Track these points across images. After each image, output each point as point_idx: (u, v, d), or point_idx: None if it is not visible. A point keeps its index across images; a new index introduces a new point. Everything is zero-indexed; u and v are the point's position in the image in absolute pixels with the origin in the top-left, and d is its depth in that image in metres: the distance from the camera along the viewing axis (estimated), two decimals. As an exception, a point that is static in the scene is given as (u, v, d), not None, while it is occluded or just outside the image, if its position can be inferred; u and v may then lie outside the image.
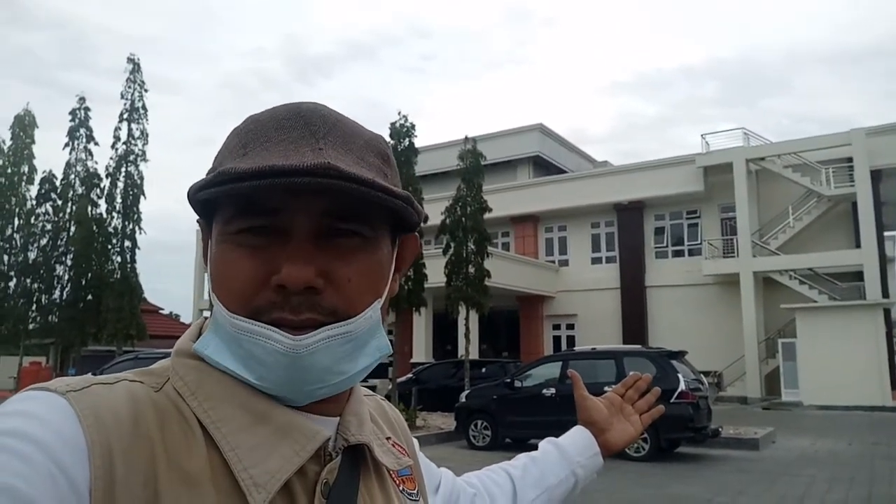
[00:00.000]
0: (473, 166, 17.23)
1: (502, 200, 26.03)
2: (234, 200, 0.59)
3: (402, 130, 16.38)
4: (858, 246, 22.78)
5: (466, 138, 17.68)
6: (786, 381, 22.65)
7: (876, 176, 23.00)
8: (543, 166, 33.30)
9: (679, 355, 11.86)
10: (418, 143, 16.80)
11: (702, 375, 12.27)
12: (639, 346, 14.15)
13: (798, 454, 11.32)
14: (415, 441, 0.85)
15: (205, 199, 0.60)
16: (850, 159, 23.28)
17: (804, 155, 24.33)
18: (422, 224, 0.70)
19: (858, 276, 22.89)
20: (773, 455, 11.26)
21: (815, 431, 14.48)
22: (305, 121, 0.62)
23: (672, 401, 10.37)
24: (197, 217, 0.68)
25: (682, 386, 10.71)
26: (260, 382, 0.59)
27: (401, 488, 0.73)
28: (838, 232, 24.18)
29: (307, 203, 0.59)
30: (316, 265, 0.58)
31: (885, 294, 22.34)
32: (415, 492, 0.75)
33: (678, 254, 27.57)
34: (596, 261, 29.09)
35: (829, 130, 26.12)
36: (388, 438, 0.75)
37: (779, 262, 24.24)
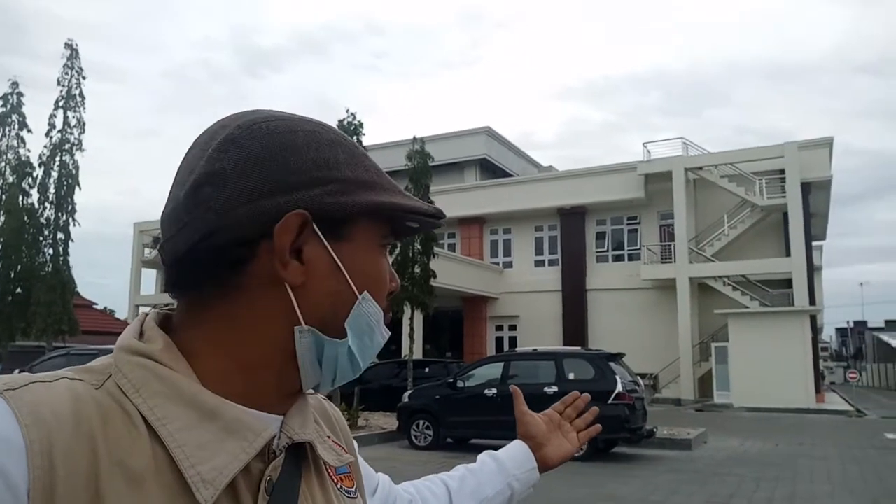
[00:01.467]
0: (421, 167, 17.24)
1: (449, 201, 26.14)
2: (395, 222, 0.71)
3: (350, 128, 16.27)
4: (788, 255, 23.73)
5: (415, 138, 17.66)
6: (718, 383, 23.41)
7: (806, 188, 24.01)
8: (490, 169, 33.57)
9: (617, 357, 12.13)
10: (366, 141, 16.73)
11: (638, 377, 12.57)
12: (578, 348, 14.39)
13: (728, 454, 11.72)
14: (354, 442, 0.86)
15: (389, 215, 0.70)
16: (782, 171, 24.23)
17: (740, 166, 25.21)
18: None
19: (788, 283, 23.85)
20: (704, 455, 11.62)
21: (745, 432, 15.01)
22: (359, 150, 0.73)
23: (609, 402, 10.60)
24: (297, 210, 0.62)
25: (619, 387, 10.94)
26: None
27: (339, 486, 0.73)
28: (770, 241, 25.13)
29: None
30: None
31: (812, 301, 23.34)
32: (353, 489, 0.76)
33: (618, 258, 28.19)
34: (539, 263, 29.48)
35: (769, 142, 27.15)
36: (328, 437, 0.75)
37: (713, 269, 25.05)
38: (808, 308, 22.66)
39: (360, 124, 16.41)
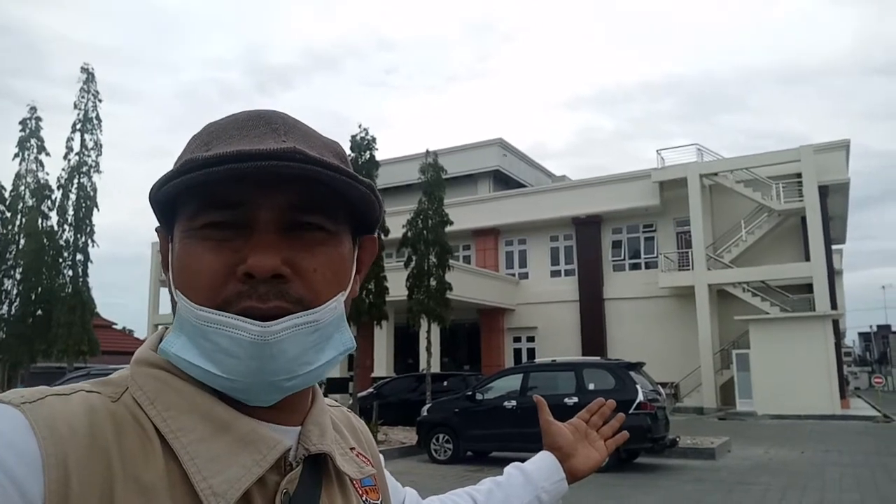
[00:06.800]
0: (435, 180, 17.27)
1: (463, 214, 26.16)
2: (197, 195, 0.60)
3: (363, 143, 16.35)
4: (808, 259, 23.46)
5: (428, 152, 17.71)
6: (740, 391, 23.12)
7: (824, 191, 23.77)
8: (503, 180, 33.59)
9: (637, 367, 12.01)
10: (379, 156, 16.78)
11: (659, 386, 12.44)
12: (598, 358, 14.28)
13: (753, 463, 11.55)
14: (381, 455, 0.85)
15: (167, 196, 0.60)
16: (799, 175, 24.02)
17: (755, 170, 25.03)
18: (383, 236, 0.72)
19: (808, 288, 23.57)
20: (728, 464, 11.46)
21: (769, 440, 14.80)
22: (266, 121, 0.64)
23: (631, 412, 10.48)
24: (156, 226, 0.68)
25: (640, 397, 10.83)
26: (227, 375, 0.59)
27: (363, 498, 0.73)
28: (788, 245, 24.88)
29: (270, 196, 0.60)
30: (282, 255, 0.59)
31: (834, 305, 23.03)
32: (378, 502, 0.75)
33: (635, 267, 28.02)
34: (555, 274, 29.38)
35: (784, 146, 26.96)
36: (352, 448, 0.74)
37: (732, 275, 24.82)
38: (830, 312, 22.36)
39: (373, 139, 16.48)
